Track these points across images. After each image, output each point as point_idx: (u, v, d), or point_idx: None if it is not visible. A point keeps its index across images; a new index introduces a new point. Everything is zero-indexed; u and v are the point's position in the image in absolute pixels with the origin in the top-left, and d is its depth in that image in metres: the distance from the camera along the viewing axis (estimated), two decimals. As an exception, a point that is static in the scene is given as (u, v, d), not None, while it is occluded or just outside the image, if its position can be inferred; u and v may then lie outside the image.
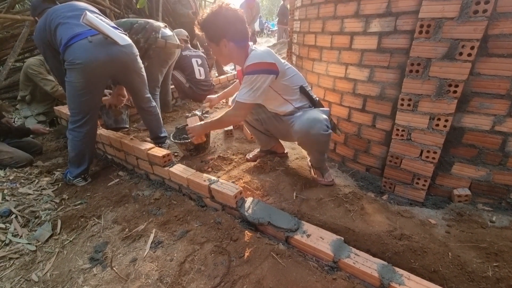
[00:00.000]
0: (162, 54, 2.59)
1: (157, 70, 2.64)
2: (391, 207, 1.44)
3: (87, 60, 1.62)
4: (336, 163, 2.05)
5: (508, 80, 1.27)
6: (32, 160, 2.25)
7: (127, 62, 1.83)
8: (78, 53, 1.61)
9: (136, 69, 1.92)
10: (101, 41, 1.68)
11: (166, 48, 2.56)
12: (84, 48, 1.62)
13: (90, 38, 1.64)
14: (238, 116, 1.55)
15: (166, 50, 2.58)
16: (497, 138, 1.38)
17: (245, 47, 1.48)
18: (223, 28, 1.41)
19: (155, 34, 2.50)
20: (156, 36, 2.49)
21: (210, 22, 1.42)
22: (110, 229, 1.48)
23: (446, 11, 1.27)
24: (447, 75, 1.34)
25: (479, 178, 1.49)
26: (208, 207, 1.51)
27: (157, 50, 2.53)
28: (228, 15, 1.40)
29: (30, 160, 2.23)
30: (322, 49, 1.93)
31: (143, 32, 2.50)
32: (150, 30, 2.51)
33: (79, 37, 1.63)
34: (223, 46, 1.45)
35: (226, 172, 1.81)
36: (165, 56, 2.62)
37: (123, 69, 1.85)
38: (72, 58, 1.61)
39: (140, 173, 1.94)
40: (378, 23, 1.54)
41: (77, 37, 1.63)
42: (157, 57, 2.56)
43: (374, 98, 1.68)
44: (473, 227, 1.27)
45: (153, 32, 2.50)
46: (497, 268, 1.02)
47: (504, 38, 1.23)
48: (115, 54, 1.72)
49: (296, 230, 1.20)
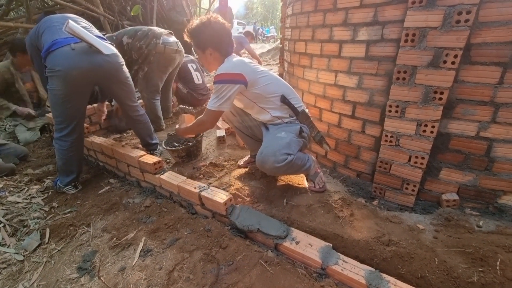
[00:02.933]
0: (161, 60, 2.62)
1: (156, 76, 2.68)
2: (380, 213, 1.45)
3: (68, 67, 1.59)
4: (327, 169, 2.06)
5: (491, 87, 1.30)
6: (14, 170, 2.20)
7: (111, 71, 1.80)
8: (59, 60, 1.58)
9: (120, 78, 1.89)
10: (84, 49, 1.65)
11: (165, 54, 2.60)
12: (66, 56, 1.59)
13: (73, 45, 1.62)
14: (207, 122, 1.61)
15: (166, 56, 2.62)
16: (482, 143, 1.40)
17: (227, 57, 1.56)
18: (210, 38, 1.50)
19: (155, 40, 2.57)
20: (157, 42, 2.56)
21: (198, 31, 1.51)
22: (99, 238, 1.47)
23: (429, 20, 1.30)
24: (432, 82, 1.37)
25: (466, 183, 1.51)
26: (198, 214, 1.51)
27: (157, 55, 2.58)
28: (216, 27, 1.50)
29: (11, 170, 2.18)
30: (313, 57, 1.96)
31: (145, 38, 2.58)
32: (152, 36, 2.59)
33: (61, 44, 1.60)
34: (208, 54, 1.55)
35: (218, 179, 1.81)
36: (164, 61, 2.65)
37: (106, 78, 1.83)
38: (52, 65, 1.59)
39: (131, 181, 1.93)
40: (366, 32, 1.57)
41: (59, 43, 1.60)
42: (156, 62, 2.60)
43: (363, 105, 1.70)
44: (460, 232, 1.29)
45: (154, 38, 2.57)
46: (482, 274, 1.03)
47: (486, 47, 1.27)
48: (98, 62, 1.70)
49: (285, 237, 1.20)
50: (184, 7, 4.86)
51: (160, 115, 2.85)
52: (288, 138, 1.49)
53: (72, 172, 1.86)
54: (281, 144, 1.45)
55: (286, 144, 1.46)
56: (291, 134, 1.51)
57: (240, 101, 1.63)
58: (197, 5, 6.12)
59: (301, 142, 1.55)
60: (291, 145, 1.47)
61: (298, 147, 1.52)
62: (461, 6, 1.21)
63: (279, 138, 1.49)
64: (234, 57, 1.58)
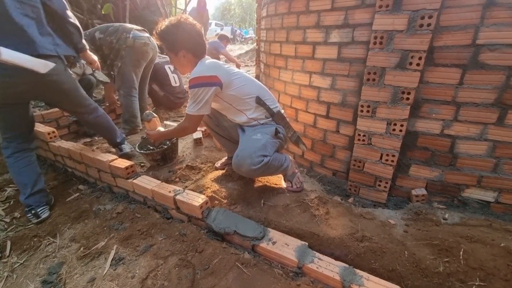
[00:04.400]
0: (133, 54, 2.59)
1: (130, 70, 2.63)
2: (354, 210, 1.49)
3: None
4: (304, 169, 2.09)
5: (452, 87, 1.38)
6: None
7: (49, 87, 1.60)
8: None
9: (61, 89, 1.67)
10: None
11: (135, 47, 2.57)
12: None
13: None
14: (189, 127, 1.59)
15: (136, 49, 2.59)
16: (446, 141, 1.49)
17: (200, 59, 1.53)
18: (182, 40, 1.47)
19: (125, 34, 2.56)
20: (126, 36, 2.54)
21: (169, 33, 1.47)
22: (66, 248, 1.38)
23: (396, 24, 1.36)
24: (400, 83, 1.43)
25: (433, 179, 1.59)
26: (174, 219, 1.47)
27: (128, 50, 2.55)
28: (187, 28, 1.47)
29: None
30: (287, 58, 1.98)
31: (115, 33, 2.57)
32: (122, 31, 2.58)
33: None
34: (181, 57, 1.51)
35: (194, 182, 1.77)
36: (136, 55, 2.62)
37: (44, 94, 1.67)
38: None
39: (103, 186, 1.84)
40: (337, 34, 1.62)
41: None
42: (128, 56, 2.57)
43: (337, 105, 1.75)
44: (428, 225, 1.35)
45: (124, 33, 2.57)
46: (448, 264, 1.09)
47: (447, 50, 1.34)
48: (33, 82, 1.51)
49: (262, 238, 1.20)
50: (159, 7, 4.74)
51: (137, 114, 2.75)
52: (264, 139, 1.49)
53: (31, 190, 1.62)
54: (257, 146, 1.45)
55: (262, 146, 1.46)
56: (267, 136, 1.51)
57: (216, 103, 1.61)
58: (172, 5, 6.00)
59: (277, 143, 1.56)
60: (267, 147, 1.47)
61: (274, 148, 1.52)
62: (424, 11, 1.28)
63: (254, 140, 1.49)
64: (207, 59, 1.56)
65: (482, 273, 1.03)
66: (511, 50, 1.22)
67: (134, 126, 2.77)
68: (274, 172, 1.59)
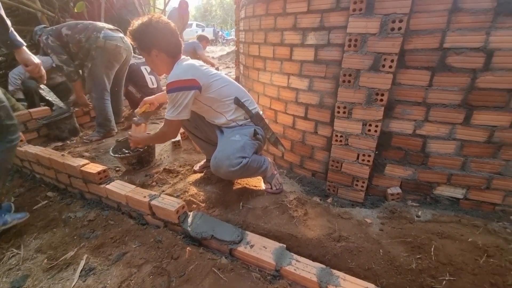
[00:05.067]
0: (104, 55, 2.46)
1: (101, 72, 2.50)
2: (332, 210, 1.50)
3: None
4: (284, 170, 2.10)
5: (422, 89, 1.43)
6: None
7: None
8: None
9: None
10: None
11: (106, 48, 2.44)
12: None
13: None
14: (169, 133, 1.56)
15: (108, 50, 2.46)
16: (418, 140, 1.54)
17: (176, 59, 1.50)
18: (154, 39, 1.44)
19: (96, 33, 2.42)
20: (97, 36, 2.41)
21: (140, 32, 1.44)
22: (32, 260, 1.29)
23: (369, 27, 1.39)
24: (374, 85, 1.47)
25: (407, 177, 1.64)
26: (149, 225, 1.42)
27: (99, 50, 2.43)
28: (158, 27, 1.43)
29: None
30: (266, 60, 1.98)
31: (85, 31, 2.43)
32: (92, 30, 2.44)
33: None
34: (154, 56, 1.48)
35: (172, 186, 1.73)
36: (108, 56, 2.49)
37: None
38: None
39: (74, 193, 1.75)
40: (314, 36, 1.63)
41: None
42: (99, 57, 2.45)
43: (315, 106, 1.77)
44: (402, 223, 1.39)
45: (94, 32, 2.43)
46: (420, 260, 1.12)
47: (417, 53, 1.39)
48: None
49: (239, 241, 1.18)
50: (136, 6, 4.61)
51: (110, 118, 2.64)
52: (243, 141, 1.47)
53: None
54: (235, 147, 1.44)
55: (240, 148, 1.44)
56: (245, 137, 1.49)
57: (195, 105, 1.58)
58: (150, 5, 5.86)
59: (256, 144, 1.55)
60: (246, 148, 1.46)
61: (253, 150, 1.51)
62: (394, 15, 1.32)
63: (233, 141, 1.47)
64: (184, 60, 1.52)
65: (452, 268, 1.07)
66: (475, 53, 1.28)
67: (109, 130, 2.66)
68: (253, 174, 1.57)
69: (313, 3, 1.58)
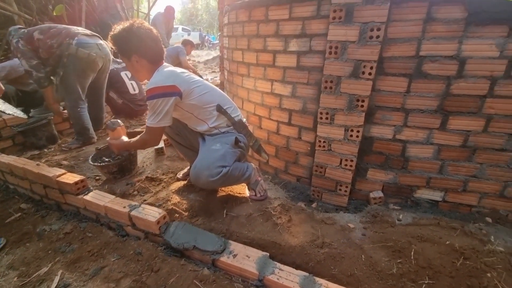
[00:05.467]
0: (77, 63, 2.33)
1: (74, 81, 2.37)
2: (316, 216, 1.51)
3: None
4: (269, 176, 2.09)
5: (401, 95, 1.47)
6: None
7: None
8: None
9: None
10: None
11: (78, 57, 2.31)
12: None
13: None
14: (150, 140, 1.54)
15: (81, 59, 2.33)
16: (398, 145, 1.57)
17: (158, 65, 1.48)
18: (134, 44, 1.41)
19: (69, 40, 2.30)
20: (69, 42, 2.28)
21: (121, 37, 1.42)
22: (3, 277, 1.22)
23: (348, 35, 1.42)
24: (354, 91, 1.49)
25: (388, 181, 1.68)
26: (129, 236, 1.37)
27: (71, 57, 2.30)
28: (140, 33, 1.41)
29: None
30: (250, 66, 1.98)
31: (57, 37, 2.30)
32: (65, 36, 2.31)
33: None
34: (134, 62, 1.45)
35: (154, 194, 1.68)
36: (81, 65, 2.36)
37: None
38: None
39: (50, 204, 1.67)
40: (296, 43, 1.65)
41: None
42: (71, 65, 2.32)
43: (298, 112, 1.78)
44: (384, 227, 1.41)
45: (67, 38, 2.30)
46: (400, 264, 1.14)
47: (395, 60, 1.43)
48: None
49: (222, 251, 1.16)
50: (118, 10, 4.52)
51: (88, 126, 2.54)
52: (223, 149, 1.46)
53: None
54: (215, 156, 1.42)
55: (220, 156, 1.43)
56: (226, 145, 1.48)
57: (176, 112, 1.55)
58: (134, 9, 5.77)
59: (237, 152, 1.53)
60: (226, 157, 1.45)
61: (234, 158, 1.50)
62: (373, 23, 1.35)
63: (213, 150, 1.45)
64: (165, 67, 1.50)
65: (431, 271, 1.09)
66: (449, 61, 1.33)
67: (88, 138, 2.56)
68: (236, 181, 1.56)
69: (294, 10, 1.60)
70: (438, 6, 1.27)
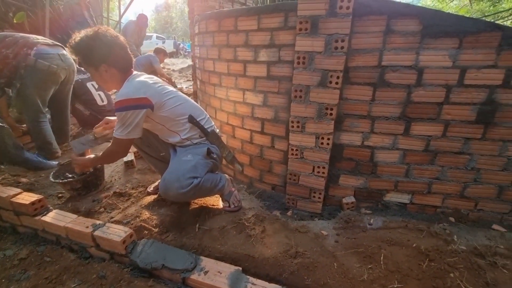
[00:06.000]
0: (35, 75, 2.15)
1: (32, 94, 2.19)
2: (290, 224, 1.50)
3: None
4: (245, 185, 2.07)
5: (366, 103, 1.52)
6: None
7: None
8: None
9: None
10: None
11: (37, 68, 2.15)
12: None
13: None
14: (118, 152, 1.48)
15: (40, 71, 2.16)
16: (367, 151, 1.62)
17: (127, 74, 1.42)
18: (103, 53, 1.34)
19: (26, 50, 2.12)
20: (27, 53, 2.11)
21: (86, 46, 1.33)
22: None
23: (315, 46, 1.45)
24: (323, 100, 1.53)
25: (359, 186, 1.72)
26: (93, 258, 1.28)
27: (28, 69, 2.12)
28: (107, 40, 1.34)
29: None
30: (221, 75, 1.97)
31: (13, 46, 2.12)
32: (22, 45, 2.13)
33: None
34: (103, 72, 1.38)
35: (122, 211, 1.60)
36: (40, 76, 2.18)
37: None
38: None
39: (4, 227, 1.53)
40: (266, 53, 1.67)
41: None
42: (29, 77, 2.14)
43: (270, 121, 1.79)
44: (356, 232, 1.44)
45: (24, 48, 2.13)
46: (371, 270, 1.15)
47: (359, 70, 1.48)
48: None
49: (193, 268, 1.11)
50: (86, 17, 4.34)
51: (50, 140, 2.36)
52: (195, 160, 1.42)
53: None
54: (186, 168, 1.38)
55: (191, 168, 1.39)
56: (198, 157, 1.45)
57: (147, 123, 1.49)
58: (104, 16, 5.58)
59: (210, 163, 1.50)
60: (198, 168, 1.41)
61: (206, 169, 1.46)
62: (337, 35, 1.39)
63: (184, 161, 1.41)
64: (136, 76, 1.44)
65: (399, 275, 1.12)
66: (408, 71, 1.40)
67: (51, 153, 2.39)
68: (208, 193, 1.52)
69: (262, 21, 1.62)
70: (396, 19, 1.35)
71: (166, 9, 29.79)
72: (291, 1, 1.50)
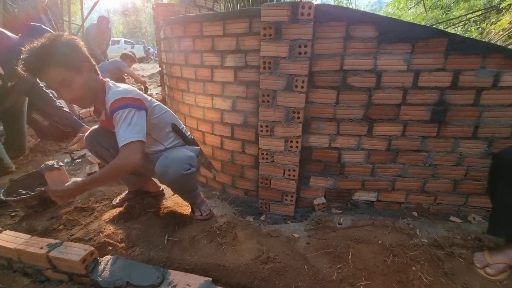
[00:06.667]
0: None
1: None
2: (262, 229, 1.50)
3: None
4: (217, 191, 2.04)
5: (331, 106, 1.57)
6: None
7: None
8: None
9: None
10: None
11: None
12: None
13: None
14: (133, 160, 1.15)
15: None
16: (334, 152, 1.67)
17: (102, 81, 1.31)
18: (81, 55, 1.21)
19: None
20: None
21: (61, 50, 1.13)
22: None
23: (279, 51, 1.48)
24: (290, 104, 1.55)
25: (329, 187, 1.76)
26: (50, 282, 1.18)
27: None
28: (73, 43, 1.19)
29: None
30: (188, 81, 1.94)
31: None
32: None
33: None
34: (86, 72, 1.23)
35: (84, 227, 1.49)
36: None
37: None
38: None
39: None
40: (232, 59, 1.66)
41: None
42: None
43: (240, 126, 1.78)
44: (327, 232, 1.46)
45: None
46: (340, 270, 1.18)
47: (323, 74, 1.53)
48: None
49: (160, 284, 1.06)
50: (44, 21, 4.07)
51: (1, 155, 2.18)
52: (193, 152, 1.45)
53: None
54: (186, 155, 1.39)
55: (190, 157, 1.40)
56: (193, 152, 1.47)
57: None
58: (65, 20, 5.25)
59: (199, 163, 1.51)
60: (194, 160, 1.43)
61: (197, 165, 1.48)
62: (300, 40, 1.42)
63: (183, 151, 1.42)
64: (113, 82, 1.32)
65: (367, 272, 1.16)
66: (368, 74, 1.47)
67: (3, 168, 2.19)
68: (190, 191, 1.50)
69: (228, 27, 1.61)
70: (354, 25, 1.41)
71: (134, 13, 28.86)
72: (255, 7, 1.51)
